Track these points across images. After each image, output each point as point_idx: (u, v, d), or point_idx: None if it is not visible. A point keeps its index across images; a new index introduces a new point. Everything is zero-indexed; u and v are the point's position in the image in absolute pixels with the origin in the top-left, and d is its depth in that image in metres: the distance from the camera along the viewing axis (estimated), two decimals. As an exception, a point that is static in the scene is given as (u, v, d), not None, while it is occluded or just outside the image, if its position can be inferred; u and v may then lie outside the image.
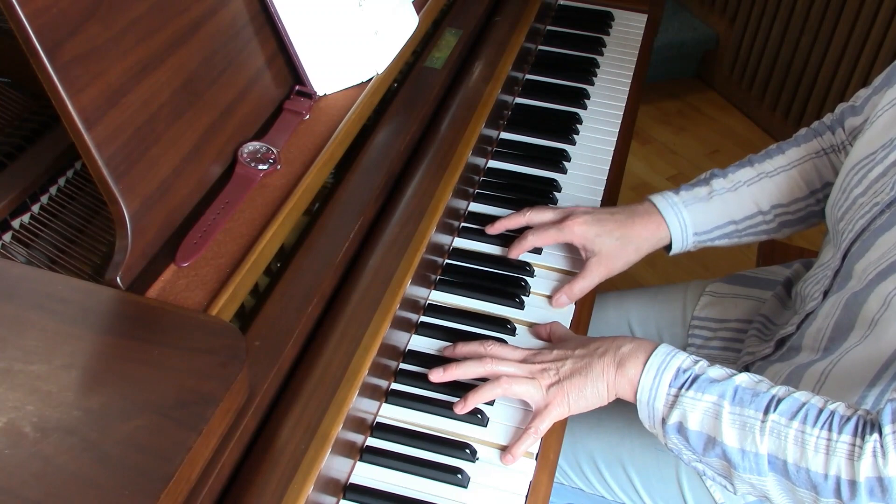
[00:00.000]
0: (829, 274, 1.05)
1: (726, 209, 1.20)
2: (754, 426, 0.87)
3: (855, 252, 0.99)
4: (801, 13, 2.66)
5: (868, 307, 0.95)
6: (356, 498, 0.91)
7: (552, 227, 1.17)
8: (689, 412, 0.91)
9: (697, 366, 0.93)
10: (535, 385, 0.99)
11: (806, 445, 0.85)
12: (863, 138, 1.07)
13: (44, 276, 0.80)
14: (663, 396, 0.93)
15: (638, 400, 0.95)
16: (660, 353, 0.95)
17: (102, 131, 0.77)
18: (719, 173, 1.22)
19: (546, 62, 1.57)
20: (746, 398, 0.89)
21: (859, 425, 0.84)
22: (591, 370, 0.97)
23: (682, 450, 0.94)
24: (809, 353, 1.05)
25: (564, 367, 0.99)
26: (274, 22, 1.03)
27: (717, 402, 0.90)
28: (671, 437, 0.93)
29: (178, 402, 0.67)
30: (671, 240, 1.20)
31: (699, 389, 0.91)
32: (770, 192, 1.20)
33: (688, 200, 1.19)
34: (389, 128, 1.12)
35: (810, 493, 0.86)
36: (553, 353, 1.01)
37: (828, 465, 0.84)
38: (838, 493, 0.84)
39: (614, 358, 0.97)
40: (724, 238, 1.22)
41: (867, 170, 1.02)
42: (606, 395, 0.98)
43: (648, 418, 0.95)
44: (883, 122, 1.04)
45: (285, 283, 0.90)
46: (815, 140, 1.22)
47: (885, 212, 0.97)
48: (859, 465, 0.82)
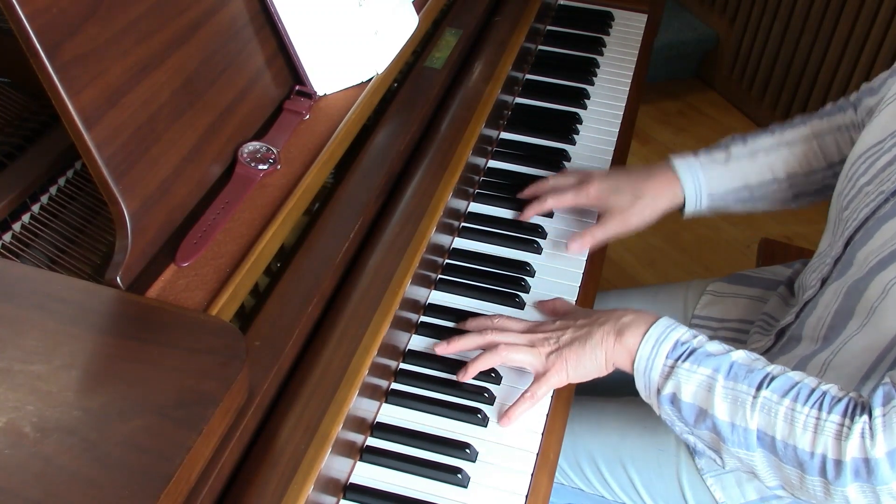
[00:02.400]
0: (829, 262, 1.05)
1: (742, 174, 1.21)
2: (746, 401, 0.89)
3: (858, 240, 0.99)
4: (801, 13, 2.66)
5: (868, 295, 0.95)
6: (356, 498, 0.91)
7: (570, 190, 1.21)
8: (684, 384, 0.92)
9: (696, 339, 0.94)
10: (534, 353, 1.00)
11: (795, 423, 0.86)
12: (870, 127, 1.06)
13: (44, 276, 0.81)
14: (660, 367, 0.94)
15: (635, 369, 0.96)
16: (660, 324, 0.96)
17: (102, 131, 0.77)
18: (739, 139, 1.24)
19: (546, 62, 1.57)
20: (741, 374, 0.90)
21: (849, 406, 0.85)
22: (590, 339, 0.99)
23: (675, 421, 0.95)
24: (809, 343, 1.05)
25: (564, 336, 1.00)
26: (274, 22, 1.03)
27: (711, 375, 0.91)
28: (665, 407, 0.94)
29: (178, 402, 0.67)
30: (685, 200, 1.21)
31: (695, 362, 0.92)
32: (788, 162, 1.21)
33: (705, 163, 1.21)
34: (389, 128, 1.12)
35: (796, 470, 0.87)
36: (556, 323, 1.03)
37: (815, 444, 0.85)
38: (823, 471, 0.85)
39: (615, 327, 0.98)
40: (738, 203, 1.23)
41: (874, 159, 1.02)
42: (605, 363, 0.99)
43: (644, 388, 0.96)
44: (891, 112, 1.04)
45: (285, 283, 0.90)
46: (839, 115, 1.23)
47: (889, 200, 0.96)
48: (846, 445, 0.83)
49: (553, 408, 1.02)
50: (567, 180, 1.23)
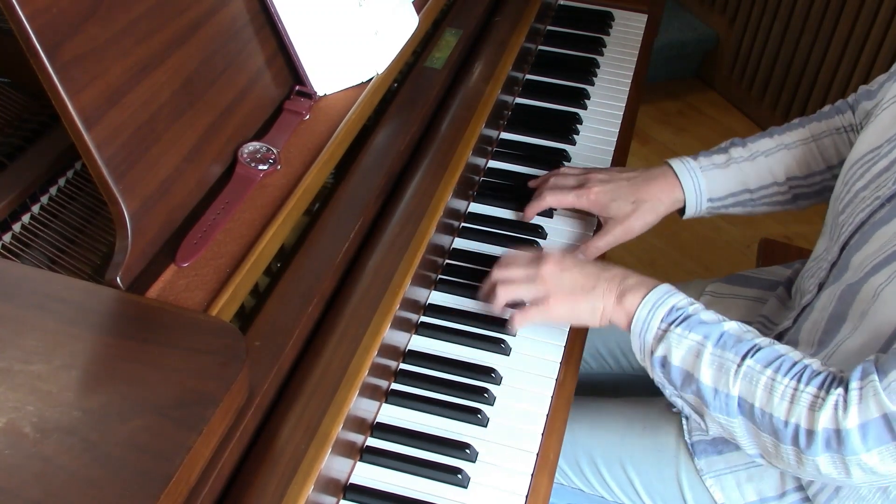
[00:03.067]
0: (826, 266, 1.06)
1: (742, 177, 1.22)
2: (730, 368, 0.92)
3: (853, 244, 1.00)
4: (801, 13, 2.66)
5: (860, 298, 0.96)
6: (356, 498, 0.91)
7: (570, 192, 1.21)
8: (674, 347, 0.95)
9: (692, 307, 0.97)
10: (532, 289, 1.04)
11: (774, 392, 0.89)
12: (866, 132, 1.07)
13: (44, 276, 0.81)
14: (654, 330, 0.97)
15: (632, 331, 0.99)
16: (659, 290, 0.99)
17: (102, 131, 0.77)
18: (739, 142, 1.25)
19: (546, 62, 1.57)
20: (729, 343, 0.93)
21: (827, 380, 0.88)
22: (594, 288, 1.02)
23: (665, 383, 0.98)
24: (806, 347, 1.06)
25: (568, 275, 1.03)
26: (274, 22, 1.03)
27: (701, 341, 0.94)
28: (656, 369, 0.98)
29: (178, 402, 0.67)
30: (685, 203, 1.22)
31: (687, 328, 0.95)
32: (787, 164, 1.22)
33: (705, 166, 1.22)
34: (389, 128, 1.12)
35: (772, 438, 0.90)
36: (565, 259, 1.05)
37: (790, 413, 0.88)
38: (796, 440, 0.88)
39: (618, 286, 1.01)
40: (738, 206, 1.24)
41: (871, 164, 1.02)
42: (600, 316, 1.02)
43: (639, 350, 0.99)
44: (888, 117, 1.04)
45: (285, 283, 0.90)
46: (837, 117, 1.24)
47: (885, 205, 0.97)
48: (819, 416, 0.86)
49: (553, 408, 1.02)
50: (567, 181, 1.23)
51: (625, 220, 1.20)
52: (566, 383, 1.06)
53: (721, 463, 1.11)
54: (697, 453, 1.12)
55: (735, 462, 1.10)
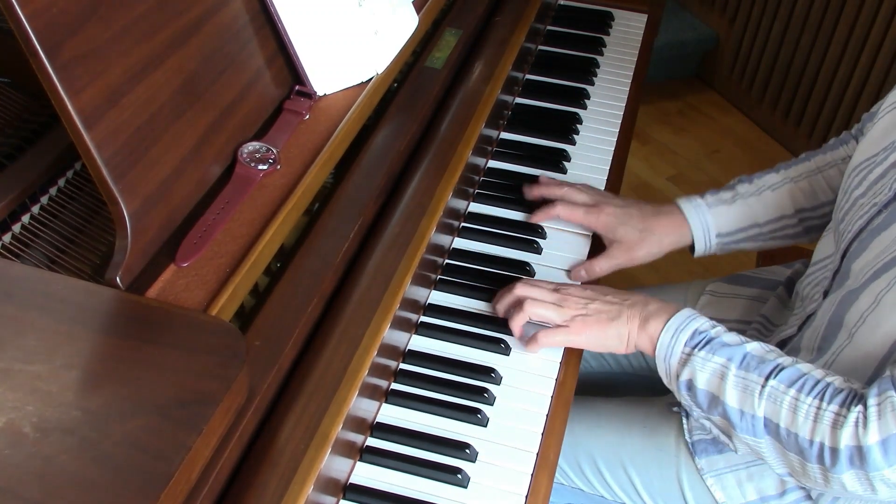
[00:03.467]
0: (829, 275, 1.06)
1: (750, 212, 1.23)
2: (755, 390, 0.93)
3: (853, 252, 1.00)
4: (801, 13, 2.66)
5: (858, 305, 0.96)
6: (356, 498, 0.91)
7: (581, 209, 1.22)
8: (699, 371, 0.97)
9: (714, 330, 0.99)
10: (559, 311, 1.05)
11: (798, 412, 0.90)
12: (864, 140, 1.07)
13: (44, 276, 0.81)
14: (678, 354, 0.99)
15: (656, 355, 1.01)
16: (682, 315, 1.01)
17: (102, 131, 0.77)
18: (745, 179, 1.26)
19: (546, 62, 1.57)
20: (753, 364, 0.94)
21: (849, 397, 0.89)
22: (618, 317, 1.04)
23: (693, 406, 0.99)
24: (807, 353, 1.06)
25: (593, 305, 1.05)
26: (274, 22, 1.03)
27: (724, 364, 0.95)
28: (682, 392, 0.99)
29: (178, 402, 0.67)
30: (693, 239, 1.23)
31: (711, 351, 0.96)
32: (795, 197, 1.23)
33: (711, 203, 1.23)
34: (389, 128, 1.12)
35: (798, 457, 0.91)
36: (586, 291, 1.08)
37: (814, 432, 0.89)
38: (821, 459, 0.89)
39: (641, 313, 1.03)
40: (749, 241, 1.25)
41: (868, 171, 1.03)
42: (626, 342, 1.04)
43: (665, 375, 1.01)
44: (884, 124, 1.05)
45: (285, 283, 0.90)
46: (842, 148, 1.25)
47: (882, 212, 0.97)
48: (841, 434, 0.87)
49: (553, 408, 1.02)
50: (581, 197, 1.24)
51: (630, 246, 1.20)
52: (566, 383, 1.06)
53: (721, 462, 1.11)
54: (698, 452, 1.12)
55: (735, 461, 1.10)
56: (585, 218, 1.22)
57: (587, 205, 1.22)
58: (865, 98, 2.52)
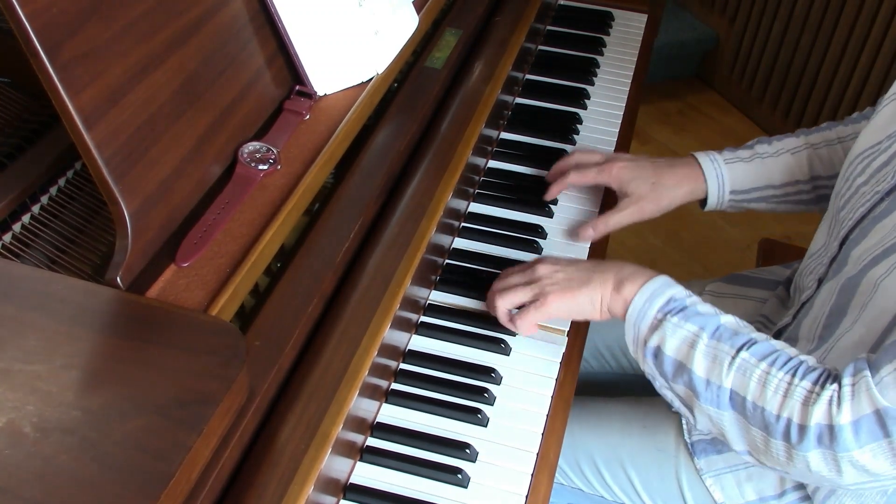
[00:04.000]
0: (825, 262, 1.06)
1: (766, 172, 1.23)
2: (724, 360, 0.91)
3: (853, 239, 1.00)
4: (801, 13, 2.66)
5: (860, 291, 0.96)
6: (356, 498, 0.91)
7: (593, 168, 1.22)
8: (669, 337, 0.95)
9: (689, 299, 0.97)
10: (529, 290, 1.04)
11: (767, 385, 0.89)
12: (868, 128, 1.07)
13: (44, 276, 0.81)
14: (650, 318, 0.96)
15: (627, 318, 0.99)
16: (658, 280, 0.99)
17: (102, 131, 0.77)
18: (765, 140, 1.26)
19: (546, 62, 1.57)
20: (725, 335, 0.93)
21: (822, 376, 0.88)
22: (590, 281, 1.02)
23: (656, 375, 0.97)
24: (806, 343, 1.06)
25: (560, 274, 1.04)
26: (274, 22, 1.03)
27: (696, 332, 0.93)
28: (648, 359, 0.97)
29: (178, 402, 0.67)
30: (707, 193, 1.22)
31: (683, 318, 0.95)
32: (812, 163, 1.23)
33: (729, 159, 1.23)
34: (389, 128, 1.12)
35: (762, 432, 0.89)
36: (557, 262, 1.06)
37: (782, 407, 0.87)
38: (787, 435, 0.87)
39: (615, 275, 1.01)
40: (762, 202, 1.24)
41: (871, 159, 1.03)
42: (600, 307, 1.02)
43: (633, 340, 0.99)
44: (888, 113, 1.04)
45: (285, 283, 0.90)
46: (863, 123, 1.24)
47: (884, 199, 0.97)
48: (812, 411, 0.85)
49: (553, 408, 1.02)
50: (591, 157, 1.24)
51: (640, 199, 1.20)
52: (566, 383, 1.06)
53: (721, 462, 1.11)
54: (697, 453, 1.12)
55: (735, 461, 1.10)
56: (598, 176, 1.22)
57: (597, 164, 1.23)
58: (865, 98, 2.52)
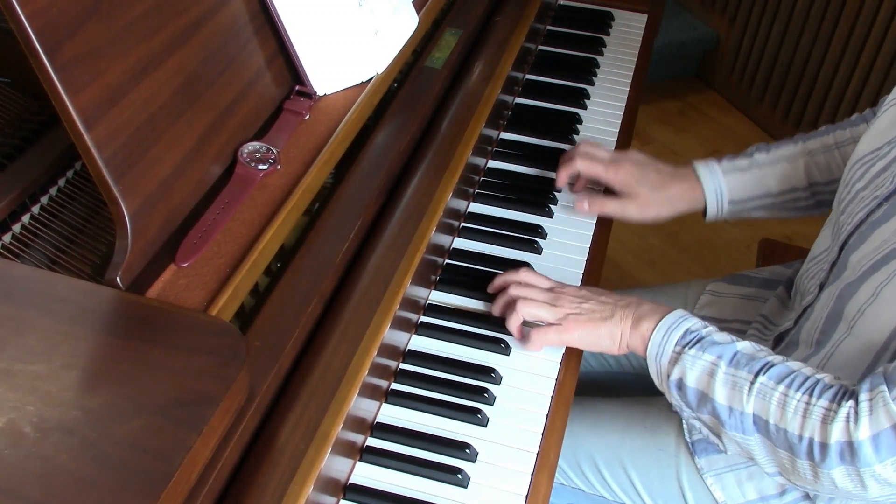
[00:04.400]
0: (826, 267, 1.06)
1: (764, 181, 1.24)
2: (744, 387, 0.93)
3: (852, 244, 1.00)
4: (801, 13, 2.66)
5: (857, 297, 0.96)
6: (356, 498, 0.91)
7: (601, 164, 1.24)
8: (689, 369, 0.96)
9: (705, 329, 0.99)
10: (553, 311, 1.05)
11: (787, 407, 0.90)
12: (868, 133, 1.07)
13: (44, 276, 0.81)
14: (669, 353, 0.99)
15: (647, 355, 1.01)
16: (673, 315, 1.01)
17: (102, 131, 0.77)
18: (763, 147, 1.27)
19: (546, 62, 1.57)
20: (742, 361, 0.94)
21: (839, 393, 0.89)
22: (611, 317, 1.04)
23: (682, 406, 0.99)
24: (805, 347, 1.06)
25: (587, 305, 1.06)
26: (274, 22, 1.03)
27: (714, 361, 0.95)
28: (672, 392, 0.99)
29: (178, 402, 0.67)
30: (706, 204, 1.25)
31: (701, 349, 0.96)
32: (810, 170, 1.24)
33: (727, 169, 1.25)
34: (389, 128, 1.12)
35: (787, 453, 0.91)
36: (581, 291, 1.08)
37: (803, 427, 0.89)
38: (811, 454, 0.88)
39: (633, 313, 1.03)
40: (761, 210, 1.26)
41: (870, 165, 1.03)
42: (619, 342, 1.04)
43: (657, 375, 1.01)
44: (888, 119, 1.04)
45: (285, 283, 0.90)
46: (862, 126, 1.25)
47: (882, 204, 0.97)
48: (831, 429, 0.87)
49: (553, 408, 1.02)
50: (601, 153, 1.26)
51: (643, 204, 1.23)
52: (566, 383, 1.06)
53: (721, 461, 1.11)
54: (698, 452, 1.13)
55: (735, 460, 1.10)
56: (605, 173, 1.24)
57: (606, 161, 1.24)
58: (865, 98, 2.52)
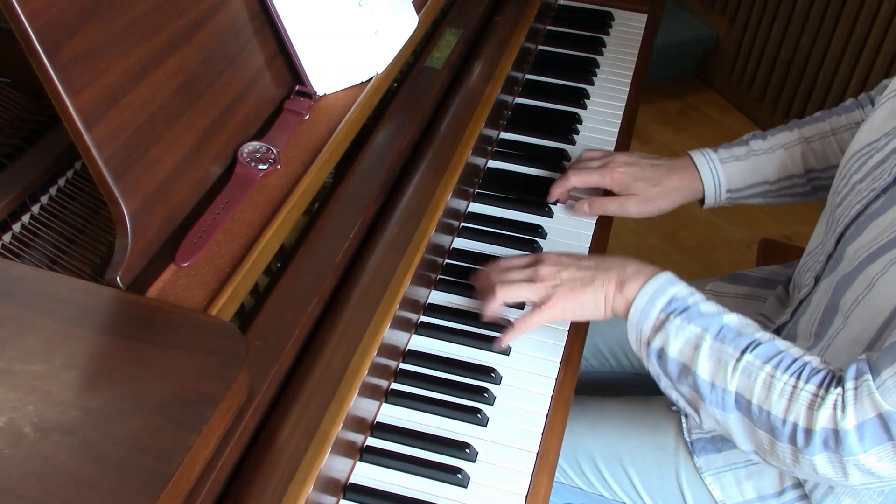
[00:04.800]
0: (822, 259, 1.06)
1: (761, 169, 1.24)
2: (728, 363, 0.90)
3: (849, 236, 1.00)
4: (801, 13, 2.66)
5: (854, 288, 0.96)
6: (356, 498, 0.91)
7: (594, 172, 1.23)
8: (672, 339, 0.93)
9: (692, 297, 0.96)
10: (532, 288, 1.02)
11: (772, 389, 0.88)
12: (865, 126, 1.07)
13: (44, 276, 0.81)
14: (652, 319, 0.95)
15: (629, 319, 0.97)
16: (660, 278, 0.98)
17: (102, 131, 0.77)
18: (760, 135, 1.27)
19: (546, 62, 1.57)
20: (729, 336, 0.92)
21: (826, 378, 0.87)
22: (593, 281, 1.00)
23: (661, 374, 0.96)
24: (803, 340, 1.06)
25: (566, 272, 1.02)
26: (274, 22, 1.03)
27: (700, 333, 0.93)
28: (652, 360, 0.96)
29: (178, 402, 0.67)
30: (704, 193, 1.25)
31: (686, 319, 0.93)
32: (806, 157, 1.24)
33: (724, 158, 1.24)
34: (389, 128, 1.12)
35: (768, 435, 0.89)
36: (560, 258, 1.04)
37: (788, 411, 0.87)
38: (793, 439, 0.87)
39: (618, 275, 1.00)
40: (758, 197, 1.26)
41: (868, 157, 1.03)
42: (604, 307, 1.00)
43: (636, 340, 0.98)
44: (885, 111, 1.04)
45: (285, 283, 0.90)
46: (858, 111, 1.25)
47: (880, 196, 0.97)
48: (817, 415, 0.85)
49: (553, 408, 1.02)
50: (591, 162, 1.25)
51: (643, 200, 1.22)
52: (566, 383, 1.06)
53: (720, 461, 1.11)
54: (697, 451, 1.13)
55: (734, 460, 1.10)
56: (600, 179, 1.24)
57: (599, 167, 1.24)
58: (865, 98, 2.52)
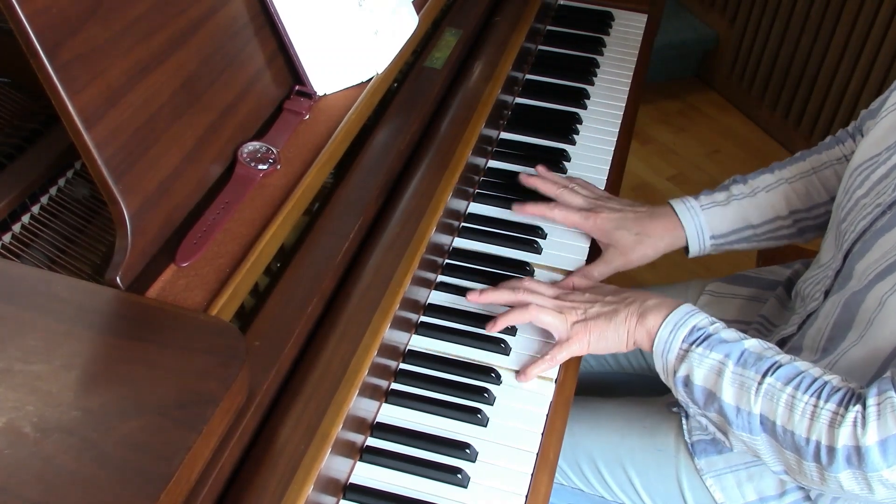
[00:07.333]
0: (831, 274, 1.06)
1: (744, 214, 1.23)
2: (751, 387, 0.93)
3: (856, 253, 1.00)
4: (801, 13, 2.66)
5: (865, 307, 0.96)
6: (356, 498, 0.91)
7: (577, 213, 1.22)
8: (696, 367, 0.96)
9: (712, 326, 0.99)
10: (560, 319, 1.05)
11: (794, 409, 0.90)
12: (867, 140, 1.07)
13: (44, 276, 0.81)
14: (676, 350, 0.99)
15: (654, 350, 1.01)
16: (680, 310, 1.01)
17: (102, 131, 0.77)
18: (740, 179, 1.26)
19: (546, 62, 1.57)
20: (750, 360, 0.94)
21: (846, 396, 0.89)
22: (616, 316, 1.04)
23: (689, 402, 0.99)
24: (809, 353, 1.06)
25: (592, 309, 1.05)
26: (274, 22, 1.03)
27: (722, 360, 0.95)
28: (679, 388, 0.99)
29: (178, 402, 0.67)
30: (687, 241, 1.23)
31: (708, 347, 0.96)
32: (789, 198, 1.23)
33: (705, 204, 1.23)
34: (389, 128, 1.12)
35: (794, 455, 0.91)
36: (585, 295, 1.08)
37: (811, 430, 0.89)
38: (818, 457, 0.89)
39: (639, 309, 1.03)
40: (743, 242, 1.25)
41: (870, 171, 1.03)
42: (626, 340, 1.04)
43: (663, 371, 1.01)
44: (887, 124, 1.04)
45: (285, 283, 0.90)
46: (837, 147, 1.25)
47: (886, 213, 0.97)
48: (838, 433, 0.87)
49: (553, 408, 1.03)
50: (577, 200, 1.23)
51: (625, 250, 1.20)
52: (566, 383, 1.06)
53: (721, 462, 1.11)
54: (697, 453, 1.13)
55: (735, 461, 1.10)
56: (582, 222, 1.22)
57: (583, 209, 1.22)
58: (865, 98, 2.52)
